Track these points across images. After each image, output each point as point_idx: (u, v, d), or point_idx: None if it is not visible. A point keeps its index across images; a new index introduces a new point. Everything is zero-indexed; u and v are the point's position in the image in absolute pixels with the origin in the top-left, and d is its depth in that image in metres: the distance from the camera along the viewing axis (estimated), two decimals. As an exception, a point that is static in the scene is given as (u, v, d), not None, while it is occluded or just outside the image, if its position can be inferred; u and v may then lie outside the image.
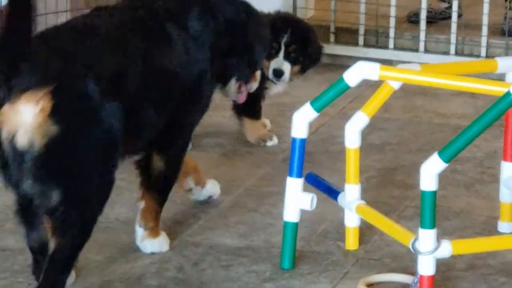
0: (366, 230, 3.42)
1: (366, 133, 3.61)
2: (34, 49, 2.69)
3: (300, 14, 5.34)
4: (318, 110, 3.08)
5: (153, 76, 3.02)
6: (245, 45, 3.38)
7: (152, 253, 3.28)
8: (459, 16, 5.32)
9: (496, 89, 2.89)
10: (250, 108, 4.14)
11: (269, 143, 4.27)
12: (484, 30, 4.94)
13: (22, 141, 2.59)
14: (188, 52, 3.12)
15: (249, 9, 3.47)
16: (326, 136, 4.43)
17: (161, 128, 3.08)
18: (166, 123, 3.08)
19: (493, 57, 4.35)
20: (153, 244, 3.23)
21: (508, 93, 2.76)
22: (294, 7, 5.47)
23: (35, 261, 2.88)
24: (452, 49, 4.98)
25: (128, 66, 2.94)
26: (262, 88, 4.15)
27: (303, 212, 3.22)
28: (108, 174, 2.73)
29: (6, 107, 2.63)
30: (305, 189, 3.22)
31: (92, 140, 2.73)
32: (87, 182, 2.63)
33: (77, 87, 2.73)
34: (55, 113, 2.64)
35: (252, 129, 4.24)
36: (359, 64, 3.03)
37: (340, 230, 3.44)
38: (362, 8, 5.24)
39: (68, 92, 2.70)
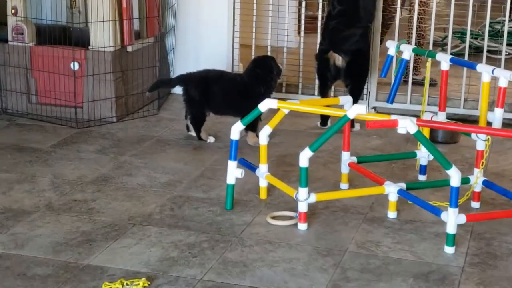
0: (270, 188, 4.27)
1: (271, 136, 4.45)
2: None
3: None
4: (245, 125, 4.11)
5: None
6: None
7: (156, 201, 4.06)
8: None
9: (338, 113, 3.92)
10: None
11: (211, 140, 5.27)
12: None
13: (338, 64, 5.47)
14: None
15: None
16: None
17: None
18: None
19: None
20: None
21: (345, 115, 3.73)
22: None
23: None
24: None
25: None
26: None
27: (237, 179, 4.14)
28: None
29: (330, 53, 5.47)
30: (238, 167, 4.12)
31: (367, 67, 5.72)
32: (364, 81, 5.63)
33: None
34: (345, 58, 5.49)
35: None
36: (267, 100, 4.03)
37: (256, 188, 4.31)
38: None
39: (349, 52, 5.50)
